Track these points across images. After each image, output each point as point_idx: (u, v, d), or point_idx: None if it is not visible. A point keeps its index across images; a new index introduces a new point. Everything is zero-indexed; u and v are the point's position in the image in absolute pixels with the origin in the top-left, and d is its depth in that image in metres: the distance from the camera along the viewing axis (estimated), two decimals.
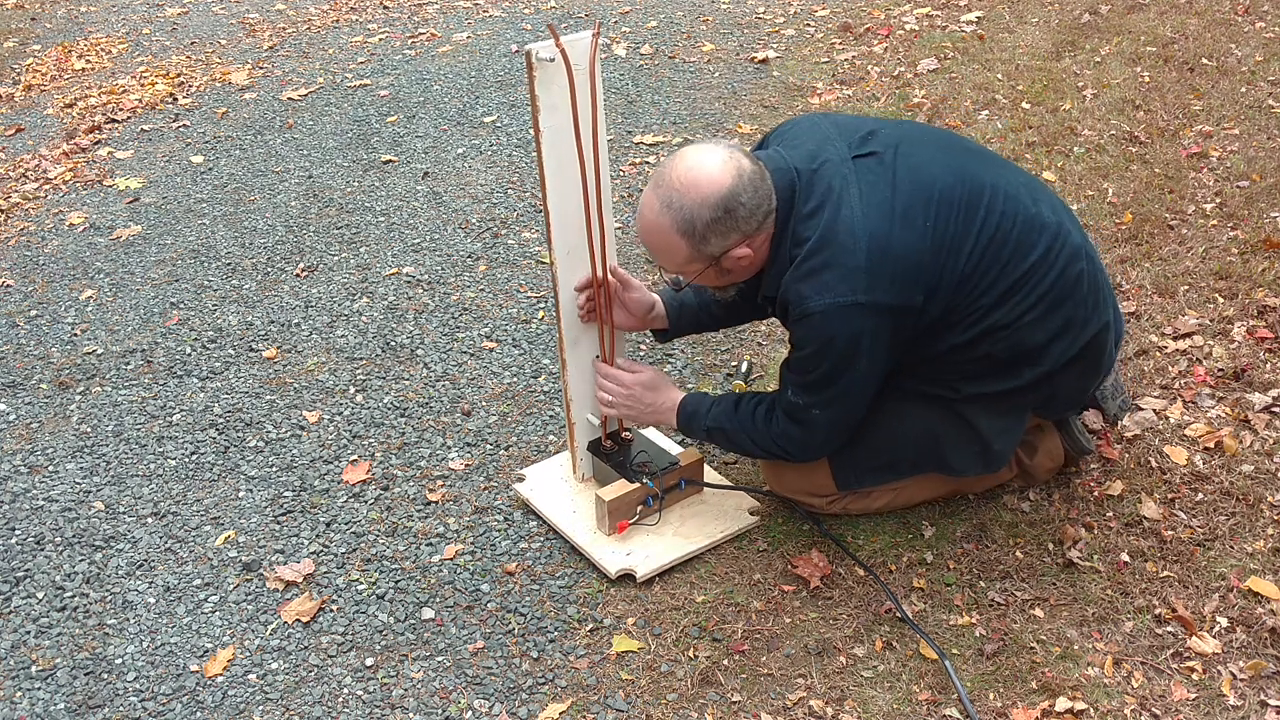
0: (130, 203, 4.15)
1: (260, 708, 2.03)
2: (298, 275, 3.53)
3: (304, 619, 2.21)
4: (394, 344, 3.12)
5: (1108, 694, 1.89)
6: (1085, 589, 2.10)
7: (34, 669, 2.16)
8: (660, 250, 1.97)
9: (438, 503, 2.50)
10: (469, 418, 2.78)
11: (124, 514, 2.56)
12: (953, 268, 1.92)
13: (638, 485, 2.27)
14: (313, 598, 2.26)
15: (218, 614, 2.25)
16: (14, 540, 2.50)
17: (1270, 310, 2.79)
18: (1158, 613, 2.03)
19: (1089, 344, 2.06)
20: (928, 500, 2.31)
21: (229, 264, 3.64)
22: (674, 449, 2.40)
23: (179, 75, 5.48)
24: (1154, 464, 2.37)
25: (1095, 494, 2.32)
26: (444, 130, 4.51)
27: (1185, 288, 2.94)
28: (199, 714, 2.03)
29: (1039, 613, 2.06)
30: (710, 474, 2.42)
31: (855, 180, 1.91)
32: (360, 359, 3.07)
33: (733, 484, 2.42)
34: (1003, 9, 5.21)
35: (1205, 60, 4.34)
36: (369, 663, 2.11)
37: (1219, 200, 3.33)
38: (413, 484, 2.57)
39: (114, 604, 2.30)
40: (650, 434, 2.50)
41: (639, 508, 2.29)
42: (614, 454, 2.38)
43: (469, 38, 5.62)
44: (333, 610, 2.23)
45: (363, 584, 2.29)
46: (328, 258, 3.62)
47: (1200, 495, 2.28)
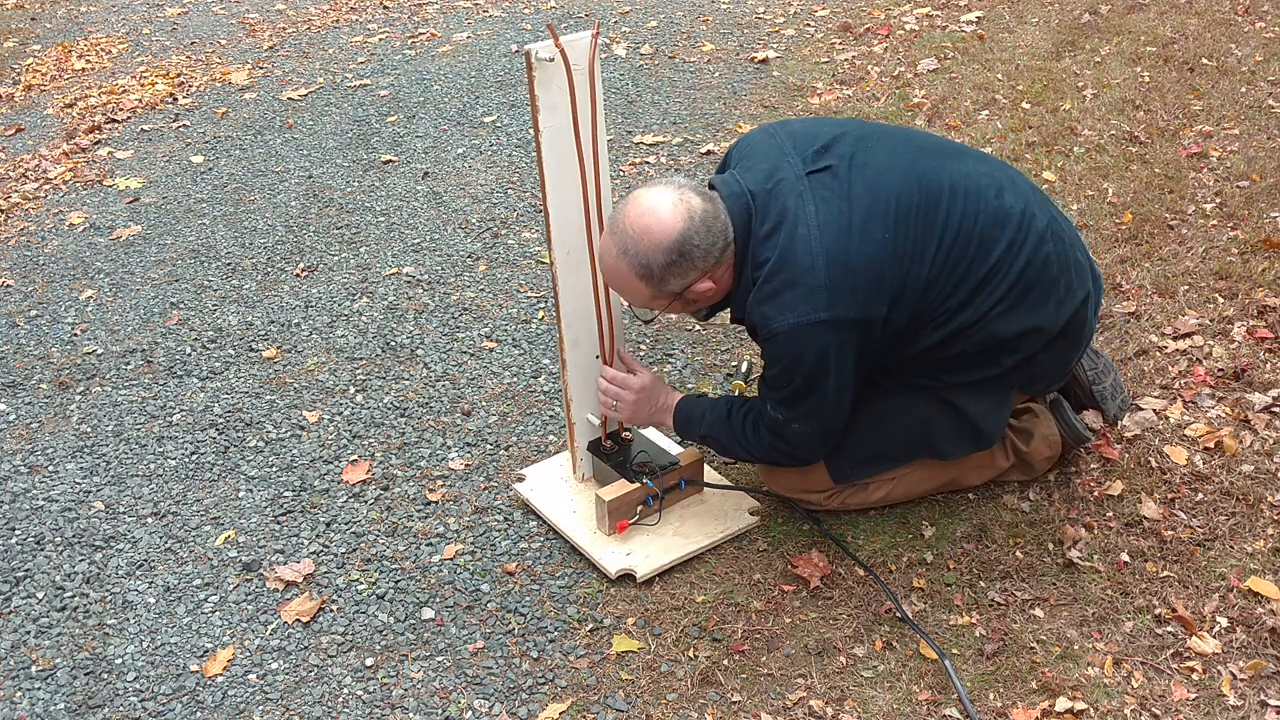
0: (130, 203, 4.15)
1: (260, 708, 2.03)
2: (298, 275, 3.53)
3: (304, 619, 2.21)
4: (394, 344, 3.12)
5: (1108, 694, 1.89)
6: (1085, 589, 2.10)
7: (34, 669, 2.16)
8: (624, 291, 2.05)
9: (438, 503, 2.50)
10: (469, 418, 2.78)
11: (124, 514, 2.56)
12: (916, 275, 1.94)
13: (638, 485, 2.28)
14: (313, 598, 2.26)
15: (218, 614, 2.25)
16: (14, 540, 2.50)
17: (1270, 310, 2.79)
18: (1158, 613, 2.03)
19: (1068, 323, 2.07)
20: (926, 492, 2.32)
21: (229, 264, 3.64)
22: (674, 449, 2.40)
23: (179, 75, 5.48)
24: (1154, 464, 2.37)
25: (1095, 494, 2.32)
26: (444, 130, 4.51)
27: (1185, 288, 2.94)
28: (199, 714, 2.03)
29: (1039, 613, 2.06)
30: (710, 474, 2.42)
31: (810, 197, 1.92)
32: (360, 359, 3.07)
33: (733, 484, 2.42)
34: (1003, 9, 5.21)
35: (1205, 60, 4.34)
36: (369, 663, 2.11)
37: (1219, 200, 3.33)
38: (413, 484, 2.57)
39: (114, 604, 2.30)
40: (650, 434, 2.50)
41: (639, 508, 2.29)
42: (614, 454, 2.38)
43: (469, 38, 5.62)
44: (333, 610, 2.23)
45: (363, 584, 2.29)
46: (328, 258, 3.62)
47: (1200, 495, 2.28)
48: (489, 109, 4.68)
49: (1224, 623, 1.99)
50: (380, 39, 5.75)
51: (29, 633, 2.25)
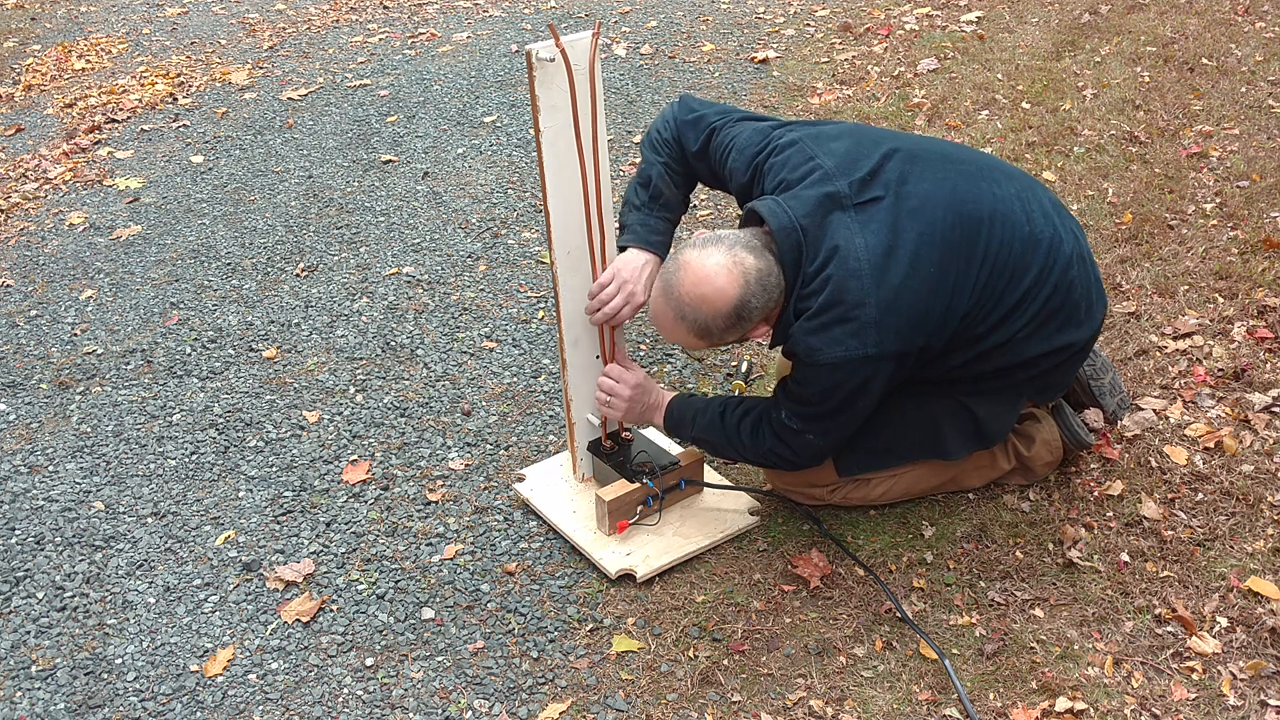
0: (130, 203, 4.15)
1: (260, 708, 2.03)
2: (298, 275, 3.53)
3: (304, 619, 2.21)
4: (394, 344, 3.12)
5: (1108, 694, 1.89)
6: (1085, 589, 2.10)
7: (34, 669, 2.16)
8: (681, 343, 2.09)
9: (438, 503, 2.50)
10: (469, 418, 2.78)
11: (124, 514, 2.56)
12: (956, 305, 1.98)
13: (638, 485, 2.28)
14: (313, 598, 2.26)
15: (218, 614, 2.25)
16: (14, 540, 2.50)
17: (1270, 310, 2.79)
18: (1158, 613, 2.03)
19: (1086, 343, 2.15)
20: (926, 490, 2.32)
21: (229, 264, 3.64)
22: (674, 449, 2.40)
23: (179, 75, 5.48)
24: (1154, 464, 2.37)
25: (1095, 494, 2.32)
26: (444, 130, 4.51)
27: (1185, 288, 2.94)
28: (199, 714, 2.03)
29: (1039, 613, 2.06)
30: (710, 474, 2.42)
31: (860, 230, 1.94)
32: (360, 359, 3.07)
33: (733, 484, 2.42)
34: (1003, 9, 5.21)
35: (1205, 60, 4.34)
36: (369, 663, 2.11)
37: (1219, 200, 3.33)
38: (413, 484, 2.57)
39: (114, 604, 2.30)
40: (650, 434, 2.50)
41: (639, 508, 2.29)
42: (614, 454, 2.38)
43: (469, 38, 5.62)
44: (333, 610, 2.23)
45: (363, 584, 2.29)
46: (328, 258, 3.62)
47: (1200, 495, 2.28)
48: (489, 109, 4.68)
49: (1224, 623, 2.00)
50: (380, 39, 5.75)
51: (29, 633, 2.25)
